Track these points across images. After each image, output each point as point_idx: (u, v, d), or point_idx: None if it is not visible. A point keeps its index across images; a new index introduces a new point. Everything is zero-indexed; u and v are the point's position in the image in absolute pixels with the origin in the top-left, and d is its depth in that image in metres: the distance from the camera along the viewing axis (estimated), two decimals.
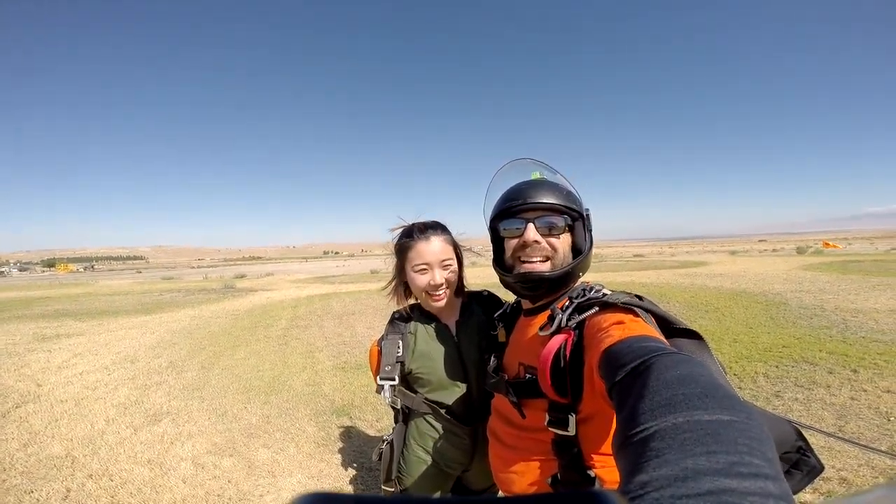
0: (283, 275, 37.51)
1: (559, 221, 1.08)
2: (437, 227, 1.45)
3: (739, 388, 4.23)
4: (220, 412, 4.29)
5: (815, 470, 0.90)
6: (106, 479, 2.99)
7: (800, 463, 0.89)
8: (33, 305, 15.30)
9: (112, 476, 3.04)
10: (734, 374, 4.63)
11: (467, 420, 1.46)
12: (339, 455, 3.36)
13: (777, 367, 4.81)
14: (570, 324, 0.91)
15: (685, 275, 15.46)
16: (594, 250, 1.16)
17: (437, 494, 1.52)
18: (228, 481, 2.98)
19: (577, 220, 1.12)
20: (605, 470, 0.89)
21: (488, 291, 1.61)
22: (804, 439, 0.92)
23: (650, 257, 39.16)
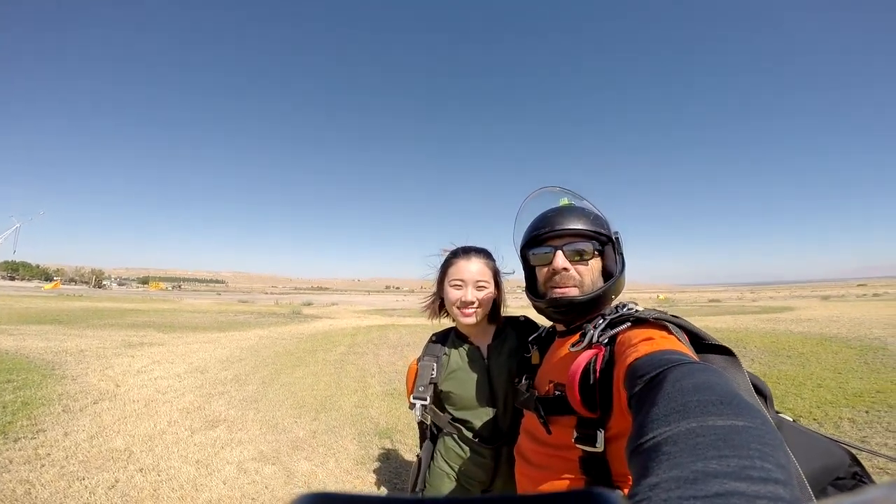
0: (346, 305, 38.96)
1: (587, 247, 1.09)
2: (480, 252, 1.55)
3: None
4: (272, 424, 4.45)
5: None
6: (154, 474, 3.16)
7: (855, 490, 0.80)
8: (126, 316, 16.98)
9: (160, 472, 3.21)
10: (814, 419, 4.18)
11: (491, 440, 1.47)
12: (375, 474, 3.37)
13: (867, 412, 4.29)
14: (601, 339, 0.90)
15: (767, 320, 14.17)
16: (626, 274, 1.14)
17: None
18: (265, 487, 3.07)
19: (606, 244, 1.13)
20: None
21: (525, 317, 1.62)
22: (860, 465, 0.86)
23: (728, 303, 36.27)
